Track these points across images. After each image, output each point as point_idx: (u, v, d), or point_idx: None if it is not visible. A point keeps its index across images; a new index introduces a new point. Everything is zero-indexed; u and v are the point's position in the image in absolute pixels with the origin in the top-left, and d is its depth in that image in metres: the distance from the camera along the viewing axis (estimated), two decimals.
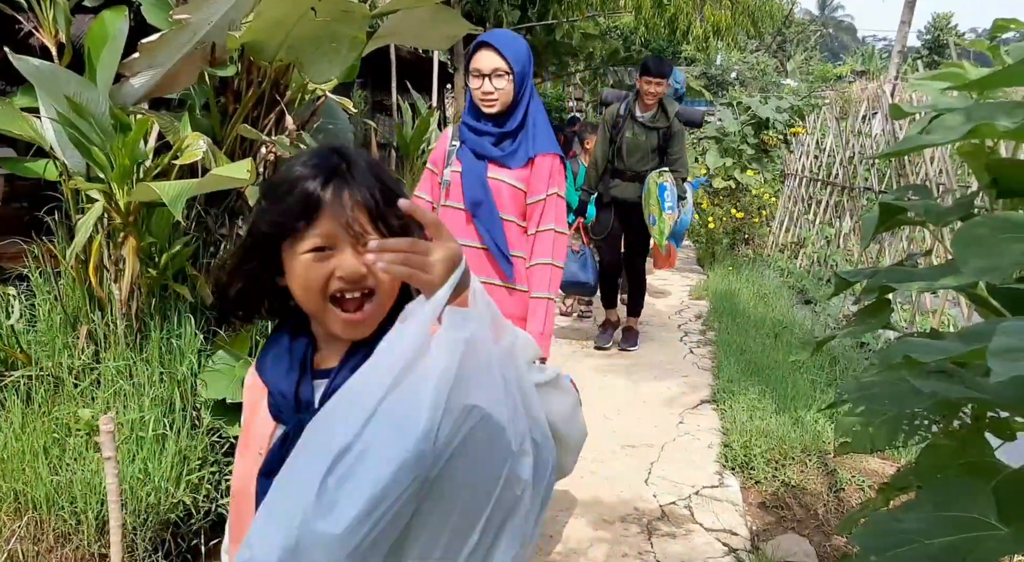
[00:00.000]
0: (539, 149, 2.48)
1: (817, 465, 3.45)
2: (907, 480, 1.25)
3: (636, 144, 5.09)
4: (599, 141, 5.23)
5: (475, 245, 2.48)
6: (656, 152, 5.10)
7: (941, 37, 35.96)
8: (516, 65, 2.44)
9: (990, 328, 0.82)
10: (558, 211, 2.49)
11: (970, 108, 1.13)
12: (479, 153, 2.51)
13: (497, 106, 2.47)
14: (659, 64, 5.04)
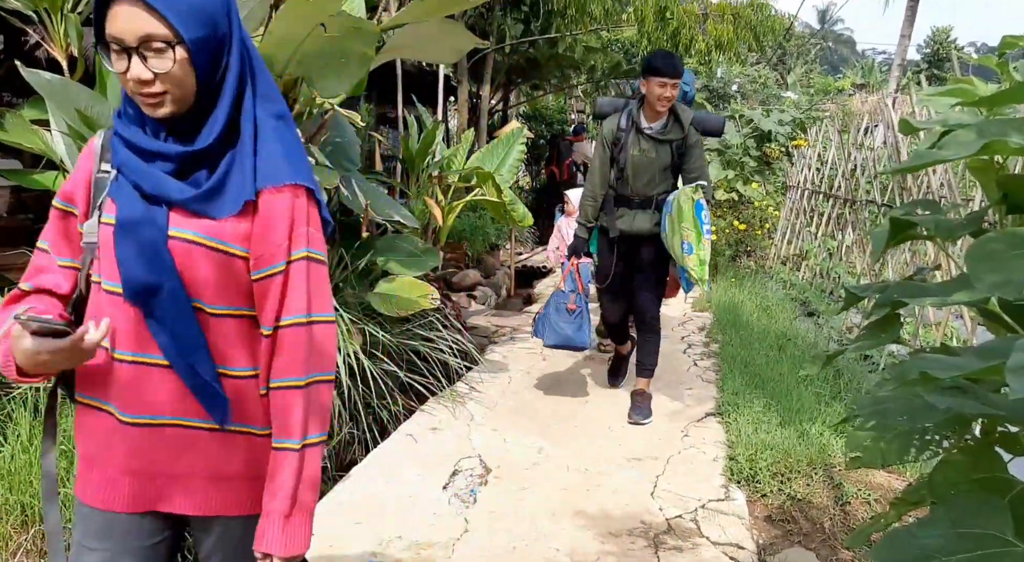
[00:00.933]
0: (266, 180, 1.32)
1: (823, 478, 3.45)
2: (920, 495, 1.25)
3: (645, 162, 4.05)
4: (597, 162, 4.16)
5: (157, 361, 1.32)
6: (670, 170, 4.10)
7: (941, 51, 36.10)
8: (190, 25, 1.23)
9: (1007, 345, 0.83)
10: (313, 286, 1.35)
11: (982, 124, 1.14)
12: (148, 193, 1.30)
13: (167, 105, 1.28)
14: (670, 61, 3.91)
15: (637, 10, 10.78)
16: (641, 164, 4.05)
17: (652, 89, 3.89)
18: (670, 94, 3.87)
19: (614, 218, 4.16)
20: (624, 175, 4.09)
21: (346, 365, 3.71)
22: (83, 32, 3.51)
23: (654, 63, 3.88)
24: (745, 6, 11.44)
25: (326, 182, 3.63)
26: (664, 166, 4.06)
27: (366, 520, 3.02)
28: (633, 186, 4.09)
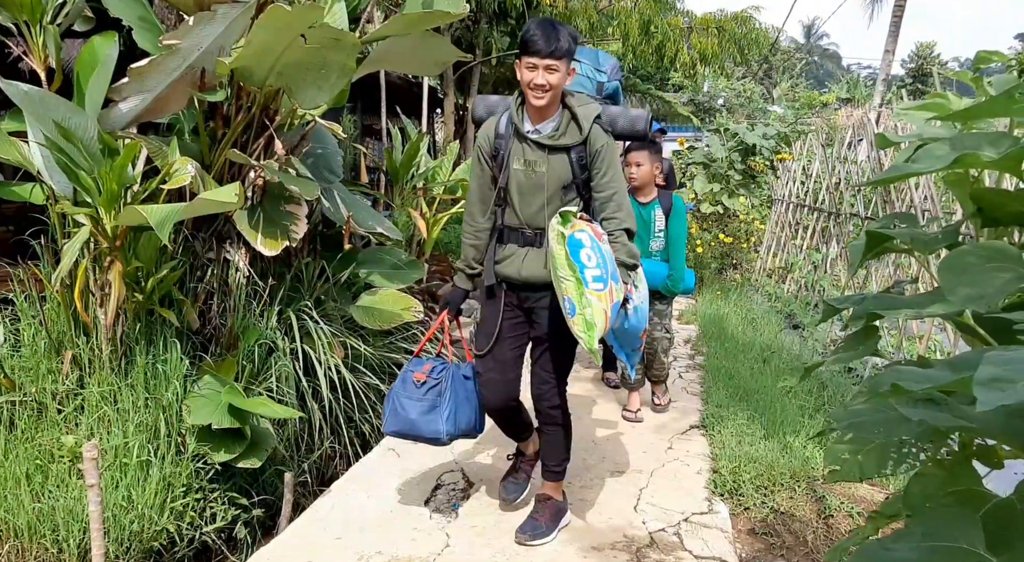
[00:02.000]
0: None
1: (806, 491, 3.44)
2: (896, 508, 1.25)
3: (533, 180, 2.85)
4: (473, 183, 3.00)
5: None
6: (573, 189, 2.86)
7: (924, 66, 36.54)
8: None
9: (976, 357, 0.82)
10: None
11: (955, 138, 1.14)
12: None
13: None
14: (544, 30, 2.66)
15: (622, 24, 10.85)
16: (528, 182, 2.85)
17: (522, 74, 2.71)
18: (545, 81, 2.66)
19: (493, 260, 2.96)
20: (508, 199, 2.89)
21: (327, 378, 3.68)
22: (62, 44, 3.48)
23: (523, 36, 2.69)
24: (729, 19, 11.54)
25: (307, 193, 3.62)
26: (562, 184, 2.83)
27: (346, 535, 2.99)
28: (521, 214, 2.87)
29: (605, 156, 2.80)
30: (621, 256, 2.74)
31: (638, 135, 3.01)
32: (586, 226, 2.64)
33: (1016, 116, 1.13)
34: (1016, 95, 1.09)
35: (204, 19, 3.09)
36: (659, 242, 4.29)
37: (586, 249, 2.57)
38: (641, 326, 2.89)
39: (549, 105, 2.76)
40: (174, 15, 3.89)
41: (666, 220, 4.26)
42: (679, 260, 4.29)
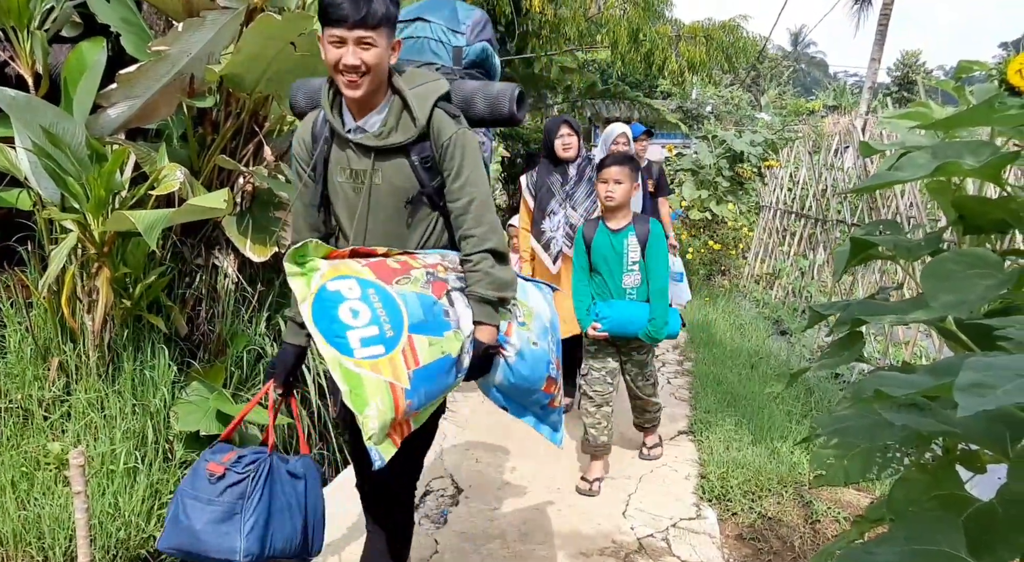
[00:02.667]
0: None
1: (793, 496, 3.46)
2: (880, 513, 1.26)
3: (360, 197, 2.11)
4: (297, 205, 2.23)
5: None
6: (422, 204, 2.11)
7: (910, 74, 36.85)
8: None
9: (958, 363, 0.84)
10: None
11: (937, 147, 1.16)
12: None
13: None
14: None
15: (611, 32, 10.90)
16: (357, 201, 2.10)
17: (326, 53, 1.94)
18: (357, 60, 1.89)
19: None
20: (339, 224, 2.19)
21: (316, 384, 3.67)
22: (49, 49, 3.47)
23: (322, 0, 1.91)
24: (717, 28, 11.61)
25: None
26: (404, 198, 2.08)
27: (335, 542, 2.98)
28: (356, 245, 2.10)
29: (456, 151, 2.02)
30: (480, 289, 1.99)
31: (502, 119, 2.15)
32: (352, 268, 1.87)
33: (997, 125, 1.15)
34: (996, 105, 1.11)
35: (193, 25, 3.09)
36: (634, 277, 3.50)
37: (347, 303, 1.80)
38: (537, 376, 2.14)
39: (370, 93, 1.96)
40: (163, 21, 3.88)
41: (643, 250, 3.46)
42: (661, 300, 3.45)
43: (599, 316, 3.52)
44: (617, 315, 3.48)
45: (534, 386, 2.17)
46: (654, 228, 3.48)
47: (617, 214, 3.51)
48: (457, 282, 2.04)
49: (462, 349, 1.94)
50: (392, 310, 1.83)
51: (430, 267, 2.00)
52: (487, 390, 2.16)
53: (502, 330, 2.07)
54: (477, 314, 2.02)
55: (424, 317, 1.87)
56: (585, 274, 3.59)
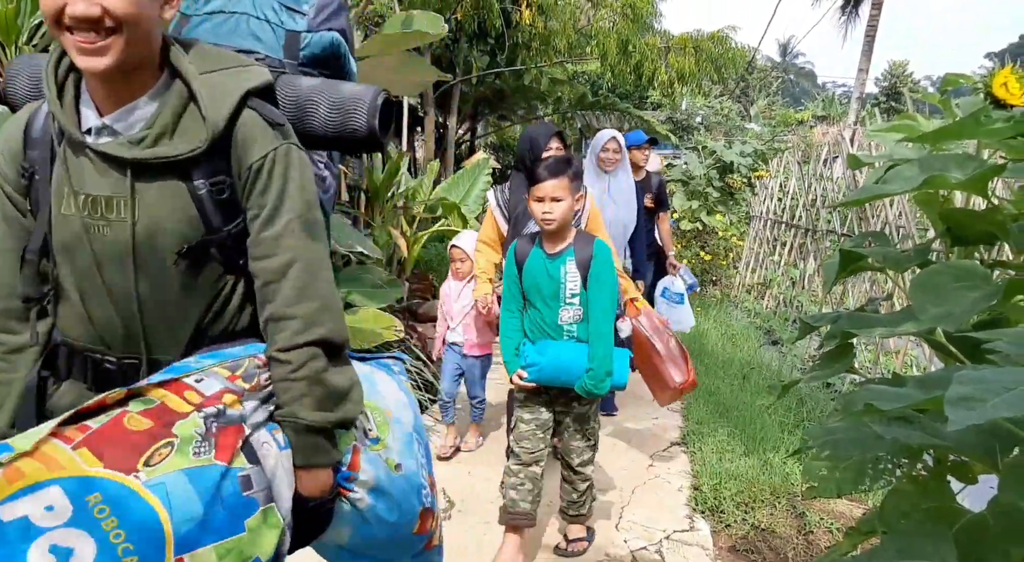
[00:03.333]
0: None
1: (786, 508, 3.46)
2: (873, 525, 1.26)
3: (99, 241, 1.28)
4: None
5: None
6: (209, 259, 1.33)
7: (897, 84, 37.15)
8: None
9: (947, 376, 0.84)
10: None
11: (924, 159, 1.17)
12: None
13: None
14: None
15: (600, 44, 10.97)
16: (88, 248, 1.30)
17: None
18: (94, 7, 1.14)
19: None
20: (56, 288, 1.37)
21: None
22: None
23: None
24: (706, 39, 11.70)
25: None
26: (178, 248, 1.30)
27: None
28: (94, 319, 1.35)
29: (274, 178, 1.31)
30: (304, 412, 1.28)
31: (355, 139, 1.43)
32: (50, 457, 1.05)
33: (983, 138, 1.16)
34: (982, 118, 1.12)
35: None
36: (574, 311, 2.76)
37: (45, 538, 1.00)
38: (406, 516, 1.48)
39: (126, 67, 1.22)
40: None
41: (584, 279, 2.73)
42: (601, 343, 2.71)
43: (527, 361, 2.80)
44: (550, 360, 2.75)
45: (401, 531, 1.47)
46: (599, 252, 2.74)
47: (555, 236, 2.78)
48: (261, 412, 1.27)
49: (281, 538, 1.23)
50: (138, 527, 1.03)
51: (210, 404, 1.19)
52: (327, 553, 1.53)
53: (344, 462, 1.36)
54: (300, 454, 1.28)
55: (203, 513, 1.10)
56: (516, 304, 2.88)
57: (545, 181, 2.69)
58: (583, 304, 2.76)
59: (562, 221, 2.72)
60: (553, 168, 2.72)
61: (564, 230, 2.77)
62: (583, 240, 2.78)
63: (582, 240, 2.78)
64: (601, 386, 2.72)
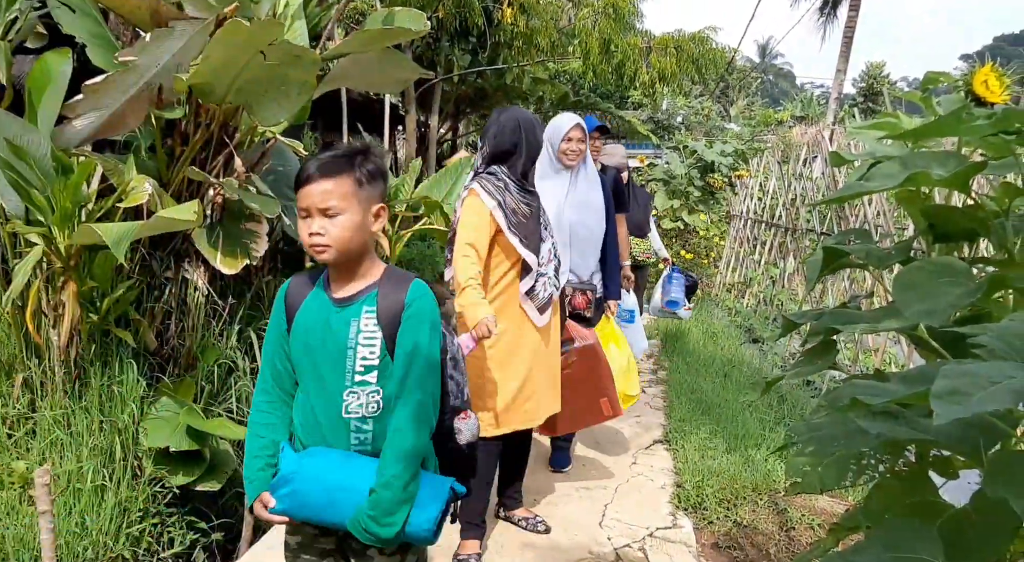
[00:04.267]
0: None
1: (768, 504, 3.48)
2: (856, 520, 1.27)
3: None
4: None
5: None
6: None
7: (875, 85, 37.50)
8: None
9: (932, 371, 0.84)
10: None
11: (906, 157, 1.17)
12: None
13: None
14: None
15: (582, 43, 10.98)
16: None
17: None
18: None
19: None
20: None
21: None
22: (13, 60, 3.41)
23: None
24: (687, 39, 11.74)
25: (268, 211, 3.58)
26: None
27: None
28: None
29: None
30: None
31: None
32: None
33: (964, 135, 1.17)
34: (963, 115, 1.12)
35: (162, 35, 3.06)
36: (367, 396, 1.71)
37: None
38: None
39: None
40: (130, 31, 3.84)
41: (389, 344, 1.70)
42: (399, 454, 1.67)
43: (279, 476, 1.71)
44: (311, 478, 1.69)
45: None
46: (417, 298, 1.71)
47: (342, 271, 1.73)
48: None
49: None
50: None
51: None
52: None
53: None
54: None
55: None
56: (278, 380, 1.80)
57: (310, 184, 1.66)
58: (387, 385, 1.69)
59: (344, 247, 1.66)
60: (326, 165, 1.66)
61: (357, 262, 1.72)
62: (393, 280, 1.74)
63: (392, 280, 1.74)
64: (386, 526, 1.64)
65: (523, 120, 2.90)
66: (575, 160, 3.46)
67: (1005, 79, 1.29)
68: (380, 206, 1.73)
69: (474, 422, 1.92)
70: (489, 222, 2.79)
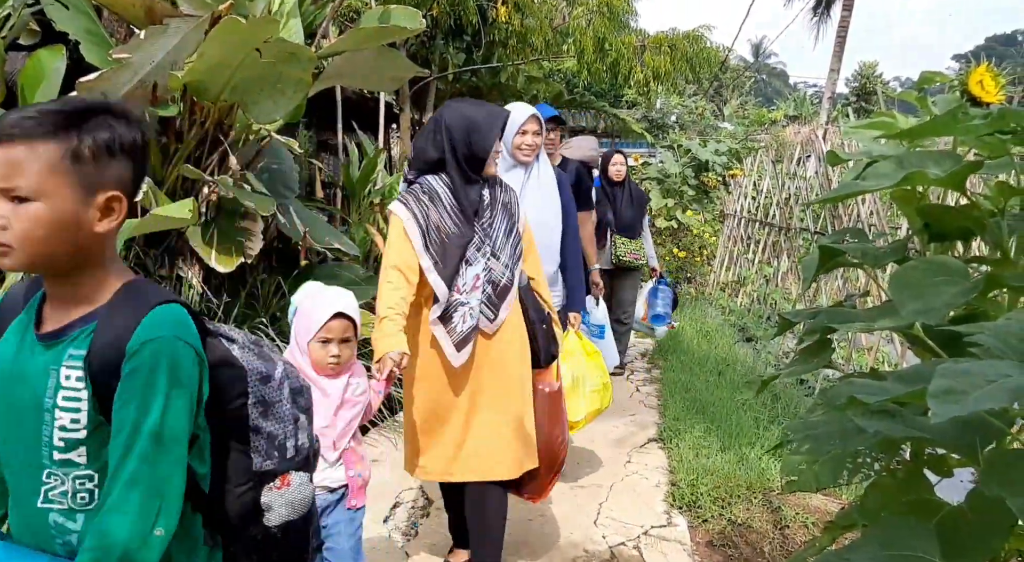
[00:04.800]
0: None
1: (762, 503, 3.49)
2: (852, 518, 1.27)
3: None
4: None
5: None
6: None
7: (868, 85, 37.61)
8: None
9: (928, 370, 0.85)
10: None
11: (902, 156, 1.18)
12: None
13: None
14: None
15: (577, 42, 10.98)
16: None
17: None
18: None
19: None
20: None
21: None
22: (6, 57, 3.40)
23: None
24: (681, 38, 11.76)
25: (263, 209, 3.57)
26: None
27: None
28: None
29: None
30: None
31: None
32: None
33: (960, 135, 1.17)
34: (959, 115, 1.13)
35: (156, 33, 3.05)
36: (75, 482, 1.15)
37: None
38: None
39: None
40: (124, 29, 3.82)
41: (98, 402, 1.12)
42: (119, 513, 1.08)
43: None
44: None
45: None
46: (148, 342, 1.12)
47: (54, 287, 1.19)
48: None
49: None
50: None
51: None
52: None
53: None
54: None
55: None
56: None
57: None
58: (103, 467, 1.14)
59: (35, 251, 1.11)
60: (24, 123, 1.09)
61: (72, 278, 1.16)
62: (127, 308, 1.16)
63: (124, 307, 1.16)
64: None
65: (449, 120, 2.50)
66: (531, 155, 3.15)
67: (1000, 79, 1.29)
68: (112, 195, 1.14)
69: (296, 491, 1.35)
70: (406, 238, 2.47)
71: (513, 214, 2.61)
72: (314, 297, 2.21)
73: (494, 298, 2.53)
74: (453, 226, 2.49)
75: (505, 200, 2.62)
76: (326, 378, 2.18)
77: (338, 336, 2.15)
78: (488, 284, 2.52)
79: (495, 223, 2.57)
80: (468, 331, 2.48)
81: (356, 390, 2.23)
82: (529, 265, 2.70)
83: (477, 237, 2.52)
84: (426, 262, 2.46)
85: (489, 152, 2.49)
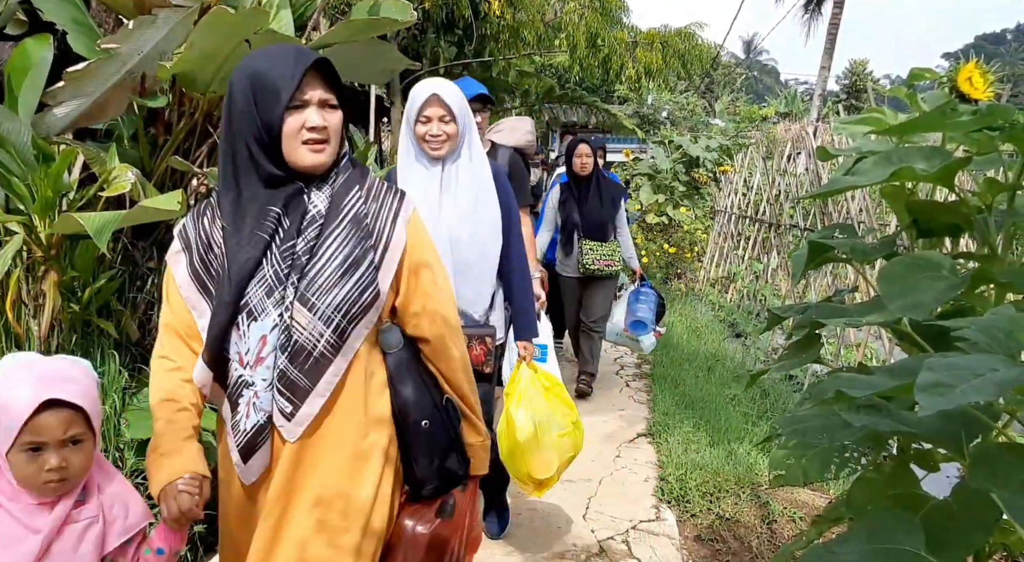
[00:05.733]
0: None
1: (750, 497, 3.50)
2: (839, 512, 1.28)
3: None
4: None
5: None
6: None
7: (858, 82, 37.72)
8: None
9: (916, 364, 0.85)
10: None
11: (891, 152, 1.18)
12: None
13: None
14: None
15: (569, 37, 10.97)
16: None
17: None
18: None
19: None
20: None
21: None
22: None
23: None
24: (673, 35, 11.77)
25: None
26: None
27: None
28: None
29: None
30: None
31: None
32: None
33: (949, 131, 1.18)
34: (948, 111, 1.13)
35: (145, 23, 3.02)
36: None
37: None
38: None
39: None
40: (112, 18, 3.79)
41: None
42: None
43: None
44: None
45: None
46: None
47: None
48: None
49: None
50: None
51: None
52: None
53: None
54: None
55: None
56: None
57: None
58: None
59: None
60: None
61: None
62: None
63: None
64: None
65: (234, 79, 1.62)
66: (441, 148, 2.43)
67: (989, 76, 1.30)
68: None
69: None
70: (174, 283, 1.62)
71: (372, 234, 1.57)
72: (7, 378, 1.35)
73: (294, 376, 1.52)
74: (230, 253, 1.53)
75: (359, 211, 1.58)
76: (37, 504, 1.35)
77: (54, 438, 1.34)
78: (283, 352, 1.52)
79: (320, 249, 1.53)
80: (252, 431, 1.60)
81: (94, 533, 1.41)
82: (424, 321, 1.62)
83: (270, 270, 1.51)
84: (198, 309, 1.58)
85: (281, 122, 1.53)
